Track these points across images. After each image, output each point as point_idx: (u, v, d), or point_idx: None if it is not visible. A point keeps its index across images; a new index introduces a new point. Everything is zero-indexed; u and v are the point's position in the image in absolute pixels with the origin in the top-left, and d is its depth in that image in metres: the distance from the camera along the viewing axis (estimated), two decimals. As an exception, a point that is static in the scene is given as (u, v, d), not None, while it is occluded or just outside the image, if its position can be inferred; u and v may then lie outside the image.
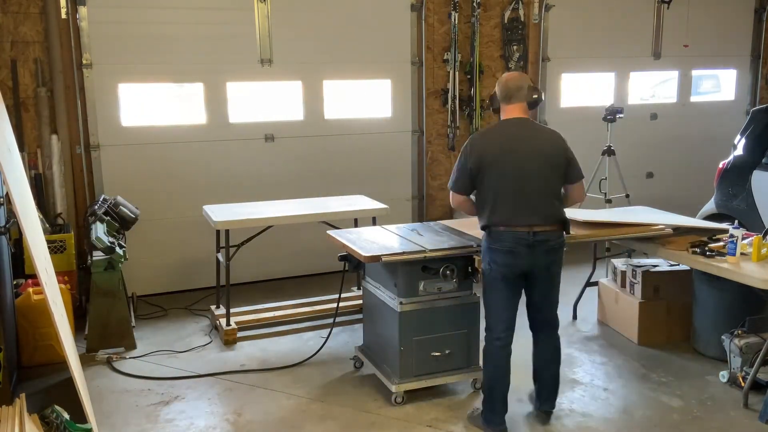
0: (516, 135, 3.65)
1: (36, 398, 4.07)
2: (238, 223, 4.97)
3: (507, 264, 3.61)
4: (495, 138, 3.69)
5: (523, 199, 3.58)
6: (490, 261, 3.67)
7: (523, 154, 3.60)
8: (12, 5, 5.50)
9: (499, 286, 3.68)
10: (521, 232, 3.56)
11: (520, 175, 3.57)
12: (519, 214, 3.57)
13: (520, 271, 3.65)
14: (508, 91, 3.67)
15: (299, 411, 4.04)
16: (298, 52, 6.35)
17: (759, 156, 5.73)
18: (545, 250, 3.63)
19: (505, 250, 3.59)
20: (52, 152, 5.63)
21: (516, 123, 3.68)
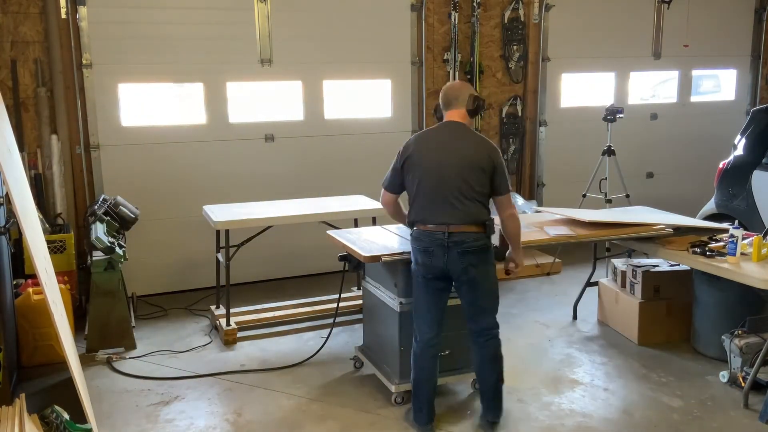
0: (445, 137, 3.66)
1: (36, 398, 4.07)
2: (238, 223, 4.97)
3: (424, 264, 3.61)
4: (425, 138, 3.74)
5: (440, 197, 3.55)
6: (413, 260, 3.70)
7: (446, 153, 3.59)
8: (12, 5, 5.50)
9: (420, 287, 3.68)
10: (437, 231, 3.55)
11: (439, 173, 3.56)
12: (435, 212, 3.57)
13: (438, 271, 3.59)
14: (446, 98, 3.73)
15: (299, 411, 4.04)
16: (298, 52, 6.36)
17: (759, 156, 5.73)
18: (460, 252, 3.53)
19: (422, 249, 3.60)
20: (52, 152, 5.63)
21: (450, 126, 3.70)
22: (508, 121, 7.31)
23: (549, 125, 7.45)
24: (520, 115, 7.37)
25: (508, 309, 5.71)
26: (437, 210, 3.56)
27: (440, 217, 3.55)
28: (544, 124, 7.43)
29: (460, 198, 3.54)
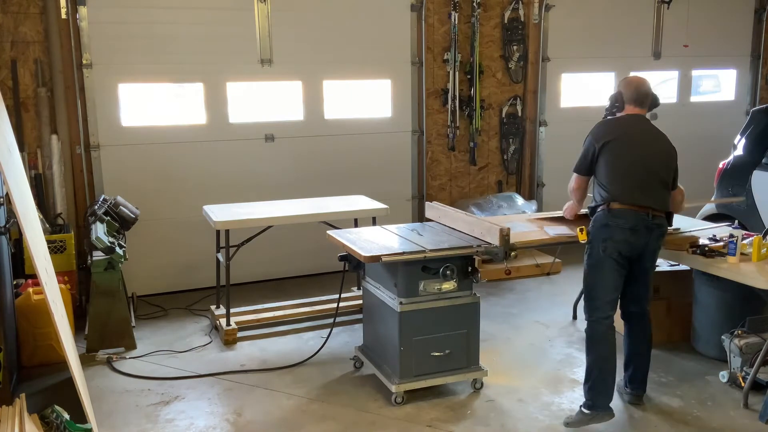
0: (645, 127, 3.90)
1: (36, 398, 4.06)
2: (238, 223, 4.97)
3: (625, 241, 3.72)
4: (624, 125, 3.89)
5: (646, 182, 3.76)
6: (605, 238, 3.74)
7: (650, 143, 3.85)
8: (12, 5, 5.50)
9: (608, 265, 3.75)
10: (641, 212, 3.72)
11: (646, 160, 3.79)
12: (641, 194, 3.74)
13: (635, 250, 3.76)
14: (641, 96, 3.90)
15: (299, 411, 4.04)
16: (298, 52, 6.35)
17: (759, 156, 5.73)
18: (659, 234, 3.81)
19: (627, 227, 3.71)
20: (52, 152, 5.63)
21: (643, 119, 3.93)
22: (508, 121, 7.31)
23: (549, 125, 7.45)
24: (520, 115, 7.37)
25: (508, 309, 5.71)
26: (643, 193, 3.74)
27: (646, 199, 3.74)
28: (544, 124, 7.42)
29: (661, 186, 3.82)
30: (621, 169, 3.79)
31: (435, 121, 7.01)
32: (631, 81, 3.97)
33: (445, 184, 7.19)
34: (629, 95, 3.91)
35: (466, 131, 7.11)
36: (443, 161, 7.11)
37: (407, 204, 7.03)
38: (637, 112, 3.91)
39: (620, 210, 3.73)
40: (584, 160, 3.94)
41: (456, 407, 4.05)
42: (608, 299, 3.78)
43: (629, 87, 3.93)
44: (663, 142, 3.91)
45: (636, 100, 3.90)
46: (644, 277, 3.88)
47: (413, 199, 7.08)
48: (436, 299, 4.01)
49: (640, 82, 3.95)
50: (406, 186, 7.01)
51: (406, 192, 7.04)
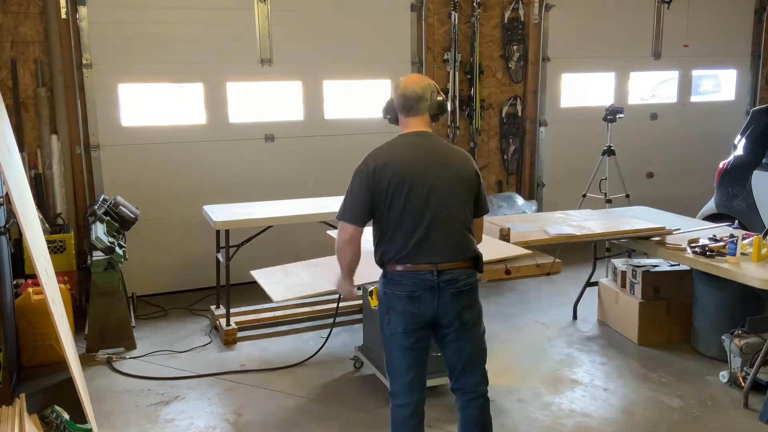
0: (422, 153, 2.94)
1: (36, 398, 4.06)
2: (238, 223, 4.97)
3: (407, 312, 2.90)
4: (398, 157, 2.93)
5: (427, 230, 2.88)
6: (385, 310, 2.97)
7: (431, 175, 2.90)
8: (12, 5, 5.50)
9: (398, 343, 2.95)
10: (423, 271, 2.88)
11: (426, 201, 2.88)
12: (422, 248, 2.88)
13: (424, 320, 2.92)
14: (407, 101, 3.00)
15: (299, 411, 4.04)
16: (298, 52, 6.35)
17: (759, 156, 5.73)
18: (453, 292, 2.90)
19: (405, 294, 2.89)
20: (52, 152, 5.63)
21: (422, 139, 2.99)
22: (508, 121, 7.31)
23: (549, 125, 7.45)
24: (520, 115, 7.37)
25: (508, 309, 5.71)
26: (424, 245, 2.88)
27: (428, 254, 2.88)
28: (544, 124, 7.42)
29: (453, 231, 2.93)
30: (394, 221, 2.89)
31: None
32: (399, 83, 3.06)
33: (445, 184, 7.17)
34: (397, 102, 3.04)
35: (466, 131, 7.11)
36: (443, 161, 7.10)
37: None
38: (413, 123, 3.02)
39: (395, 274, 2.91)
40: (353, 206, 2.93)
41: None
42: (404, 383, 2.97)
43: (396, 91, 3.05)
44: (454, 167, 2.95)
45: (404, 107, 3.01)
46: (455, 345, 2.98)
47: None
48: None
49: (407, 83, 3.04)
50: (406, 186, 7.00)
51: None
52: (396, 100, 3.07)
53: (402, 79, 3.11)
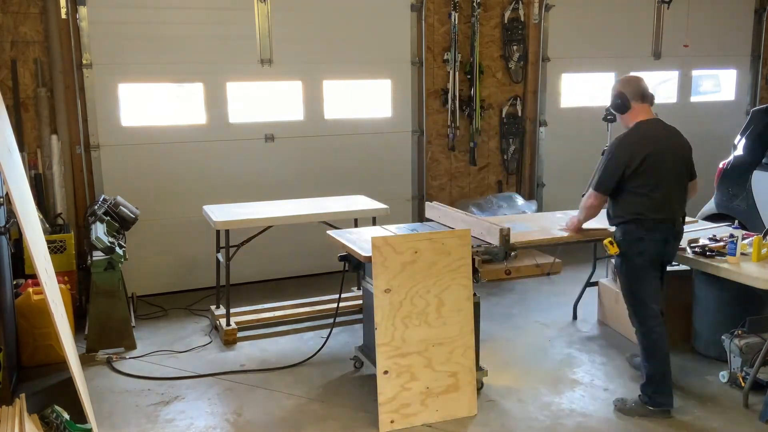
0: (664, 132, 3.96)
1: (36, 398, 4.07)
2: (238, 223, 4.97)
3: (658, 252, 3.88)
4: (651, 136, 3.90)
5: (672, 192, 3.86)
6: (641, 251, 3.86)
7: (673, 151, 3.90)
8: (12, 5, 5.50)
9: (649, 274, 3.90)
10: (669, 223, 3.87)
11: (673, 171, 3.86)
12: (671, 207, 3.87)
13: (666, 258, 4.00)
14: (643, 90, 3.94)
15: (299, 411, 4.04)
16: (298, 52, 6.36)
17: (759, 156, 5.73)
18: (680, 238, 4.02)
19: (660, 239, 3.85)
20: (52, 152, 5.64)
21: (659, 122, 3.99)
22: (508, 121, 7.31)
23: (549, 125, 7.45)
24: (520, 115, 7.37)
25: (508, 309, 5.71)
26: (673, 205, 3.88)
27: (675, 211, 3.90)
28: (544, 124, 7.43)
29: (683, 194, 3.95)
30: (653, 184, 3.83)
31: (435, 121, 7.01)
32: (630, 79, 4.02)
33: (445, 184, 7.19)
34: (632, 92, 3.93)
35: (466, 131, 7.11)
36: (443, 161, 7.11)
37: (407, 204, 7.03)
38: (645, 110, 3.95)
39: (654, 224, 3.84)
40: (611, 178, 3.92)
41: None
42: (657, 306, 3.93)
43: (630, 84, 3.96)
44: (679, 138, 4.00)
45: (642, 95, 3.94)
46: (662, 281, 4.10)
47: (413, 199, 7.08)
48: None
49: (639, 79, 4.00)
50: (406, 186, 7.02)
51: (406, 192, 7.04)
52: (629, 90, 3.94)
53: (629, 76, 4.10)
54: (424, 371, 3.85)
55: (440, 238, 3.88)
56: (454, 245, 3.87)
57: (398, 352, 3.81)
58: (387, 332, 3.79)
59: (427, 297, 3.84)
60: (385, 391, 3.80)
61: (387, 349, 3.80)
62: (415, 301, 3.82)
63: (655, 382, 3.90)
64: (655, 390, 3.90)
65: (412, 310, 3.82)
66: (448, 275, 3.87)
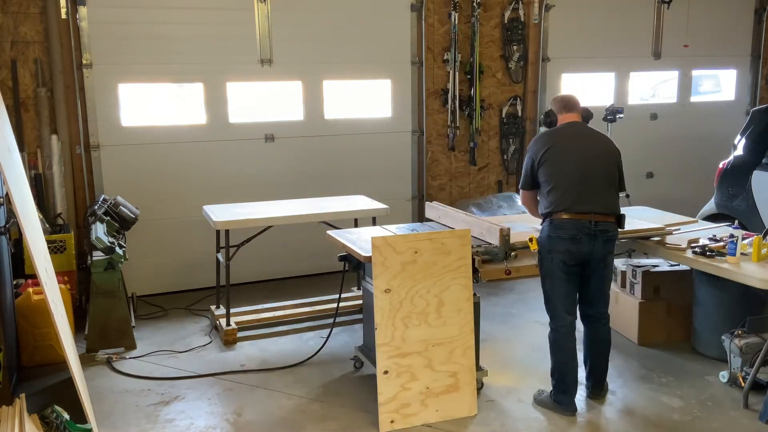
0: (580, 131, 3.97)
1: (36, 398, 4.07)
2: (238, 223, 4.97)
3: (568, 251, 3.80)
4: (558, 134, 3.96)
5: (587, 187, 3.80)
6: (550, 249, 3.85)
7: (587, 146, 3.89)
8: (12, 5, 5.50)
9: (560, 273, 3.86)
10: (583, 220, 3.76)
11: (585, 165, 3.82)
12: (583, 201, 3.77)
13: (580, 258, 3.83)
14: (567, 102, 4.04)
15: (299, 411, 4.04)
16: (298, 52, 6.35)
17: (759, 156, 5.73)
18: (604, 240, 3.82)
19: (568, 236, 3.77)
20: (52, 152, 5.63)
21: (577, 124, 4.00)
22: (508, 121, 7.31)
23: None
24: (520, 115, 7.37)
25: (508, 309, 5.71)
26: (583, 199, 3.78)
27: (587, 205, 3.78)
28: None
29: (604, 191, 3.84)
30: (558, 177, 3.83)
31: (435, 121, 7.01)
32: (557, 97, 4.19)
33: (445, 184, 7.19)
34: (558, 106, 4.07)
35: (466, 131, 7.11)
36: (443, 161, 7.11)
37: (407, 204, 7.03)
38: (571, 118, 4.01)
39: (560, 220, 3.80)
40: (526, 175, 4.02)
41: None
42: (563, 308, 3.90)
43: (556, 101, 4.12)
44: (604, 143, 3.99)
45: (565, 107, 4.03)
46: (596, 283, 3.95)
47: (413, 199, 7.08)
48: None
49: (566, 95, 4.17)
50: (406, 186, 7.02)
51: (406, 192, 7.04)
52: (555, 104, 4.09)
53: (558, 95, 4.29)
54: (424, 371, 3.85)
55: (440, 238, 3.88)
56: (454, 245, 3.87)
57: (398, 352, 3.81)
58: (387, 332, 3.79)
59: (427, 297, 3.84)
60: (385, 391, 3.80)
61: (387, 349, 3.80)
62: (415, 301, 3.82)
63: (555, 378, 3.96)
64: (555, 387, 3.96)
65: (412, 310, 3.82)
66: (448, 275, 3.87)
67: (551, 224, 3.85)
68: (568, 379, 3.93)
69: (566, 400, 3.92)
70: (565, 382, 3.92)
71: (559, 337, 3.93)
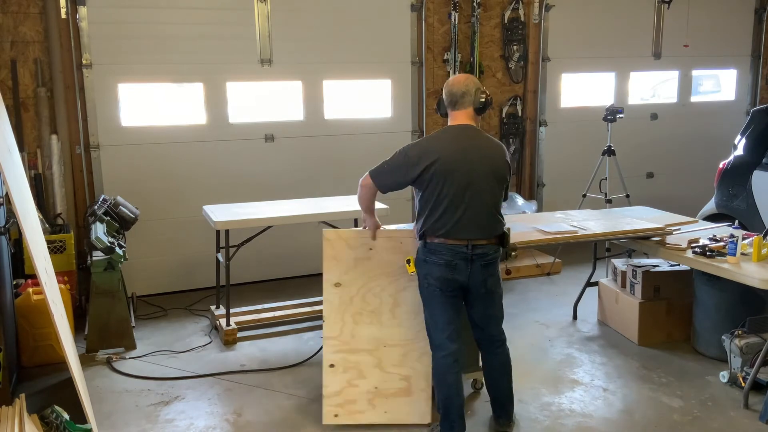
0: (465, 144, 3.46)
1: (36, 398, 4.07)
2: (238, 223, 4.97)
3: (444, 278, 3.45)
4: (444, 146, 3.45)
5: (466, 212, 3.40)
6: (424, 274, 3.51)
7: (472, 164, 3.42)
8: (12, 5, 5.50)
9: (438, 300, 3.51)
10: (459, 245, 3.41)
11: (467, 187, 3.39)
12: (460, 226, 3.41)
13: (458, 284, 3.48)
14: (453, 96, 3.50)
15: (299, 411, 4.04)
16: (298, 52, 6.35)
17: (759, 156, 5.73)
18: (483, 264, 3.47)
19: (443, 263, 3.43)
20: (52, 152, 5.63)
21: (465, 131, 3.51)
22: (508, 121, 7.31)
23: (549, 125, 7.45)
24: (520, 115, 7.37)
25: (508, 309, 5.65)
26: (462, 224, 3.40)
27: (465, 231, 3.41)
28: (544, 124, 7.43)
29: (486, 213, 3.46)
30: (439, 200, 3.40)
31: (435, 121, 7.00)
32: (448, 81, 3.60)
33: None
34: (445, 97, 3.56)
35: (466, 131, 7.10)
36: (443, 161, 7.10)
37: (407, 204, 7.02)
38: (458, 117, 3.53)
39: (435, 245, 3.44)
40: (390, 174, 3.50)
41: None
42: (444, 335, 3.53)
43: (445, 88, 3.57)
44: (491, 155, 3.50)
45: (450, 102, 3.52)
46: (482, 306, 3.60)
47: (413, 199, 7.07)
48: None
49: (455, 81, 3.55)
50: (406, 186, 7.00)
51: (406, 192, 7.03)
52: (444, 95, 3.56)
53: (450, 78, 3.68)
54: (374, 371, 3.82)
55: (398, 236, 3.80)
56: (413, 245, 3.71)
57: (347, 348, 3.80)
58: (335, 326, 3.78)
59: (382, 296, 3.79)
60: (330, 384, 3.80)
61: (334, 343, 3.80)
62: (367, 299, 3.79)
63: (441, 413, 3.58)
64: (441, 423, 3.60)
65: (364, 307, 3.79)
66: (405, 276, 3.76)
67: (425, 247, 3.47)
68: (452, 415, 3.53)
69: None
70: (449, 418, 3.54)
71: (441, 367, 3.54)
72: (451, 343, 3.53)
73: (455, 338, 3.55)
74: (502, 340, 3.71)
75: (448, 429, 3.57)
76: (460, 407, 3.57)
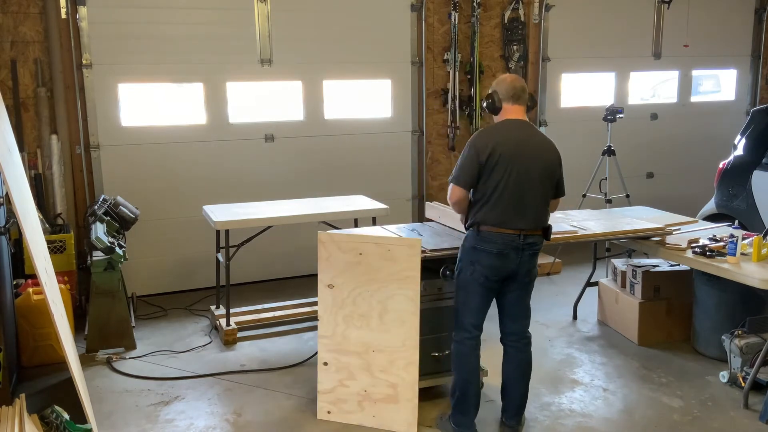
0: (523, 137, 3.59)
1: (36, 398, 4.07)
2: (238, 223, 4.97)
3: (493, 266, 3.54)
4: (504, 137, 3.56)
5: (521, 202, 3.51)
6: (473, 261, 3.57)
7: (529, 157, 3.55)
8: (12, 5, 5.50)
9: (479, 287, 3.60)
10: (512, 234, 3.51)
11: (524, 178, 3.51)
12: (514, 217, 3.51)
13: (505, 273, 3.58)
14: (515, 91, 3.63)
15: (299, 411, 4.04)
16: (298, 52, 6.35)
17: (759, 156, 5.73)
18: (531, 254, 3.59)
19: (495, 251, 3.51)
20: (52, 152, 5.63)
21: (523, 125, 3.64)
22: (508, 121, 7.30)
23: (549, 125, 7.45)
24: (520, 115, 7.36)
25: (508, 309, 5.70)
26: (517, 214, 3.50)
27: (519, 221, 3.51)
28: (544, 124, 7.42)
29: (538, 205, 3.58)
30: (496, 190, 3.49)
31: (435, 121, 7.01)
32: (504, 78, 3.72)
33: (446, 184, 7.17)
34: (505, 93, 3.63)
35: (466, 131, 7.11)
36: (443, 161, 7.11)
37: (407, 204, 7.03)
38: (515, 111, 3.63)
39: (489, 234, 3.51)
40: (464, 172, 3.56)
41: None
42: (473, 321, 3.64)
43: (503, 83, 3.66)
44: (546, 150, 3.65)
45: (513, 96, 3.63)
46: (518, 298, 3.70)
47: (413, 199, 7.08)
48: (436, 299, 4.00)
49: (513, 78, 3.72)
50: (406, 186, 7.02)
51: (406, 192, 7.04)
52: (503, 90, 3.64)
53: (502, 76, 3.79)
54: (363, 374, 3.85)
55: (387, 243, 3.79)
56: (402, 254, 3.71)
57: (339, 348, 3.86)
58: (329, 326, 3.85)
59: (371, 301, 3.80)
60: (324, 381, 3.89)
61: (327, 342, 3.87)
62: (357, 302, 3.82)
63: (455, 398, 3.67)
64: (455, 407, 3.68)
65: (355, 310, 3.83)
66: (394, 284, 3.74)
67: (478, 235, 3.54)
68: (470, 399, 3.64)
69: (466, 422, 3.67)
70: (467, 402, 3.63)
71: (464, 349, 3.64)
72: (478, 330, 3.66)
73: (481, 327, 3.68)
74: (528, 338, 3.78)
75: (463, 414, 3.65)
76: (478, 394, 3.69)
